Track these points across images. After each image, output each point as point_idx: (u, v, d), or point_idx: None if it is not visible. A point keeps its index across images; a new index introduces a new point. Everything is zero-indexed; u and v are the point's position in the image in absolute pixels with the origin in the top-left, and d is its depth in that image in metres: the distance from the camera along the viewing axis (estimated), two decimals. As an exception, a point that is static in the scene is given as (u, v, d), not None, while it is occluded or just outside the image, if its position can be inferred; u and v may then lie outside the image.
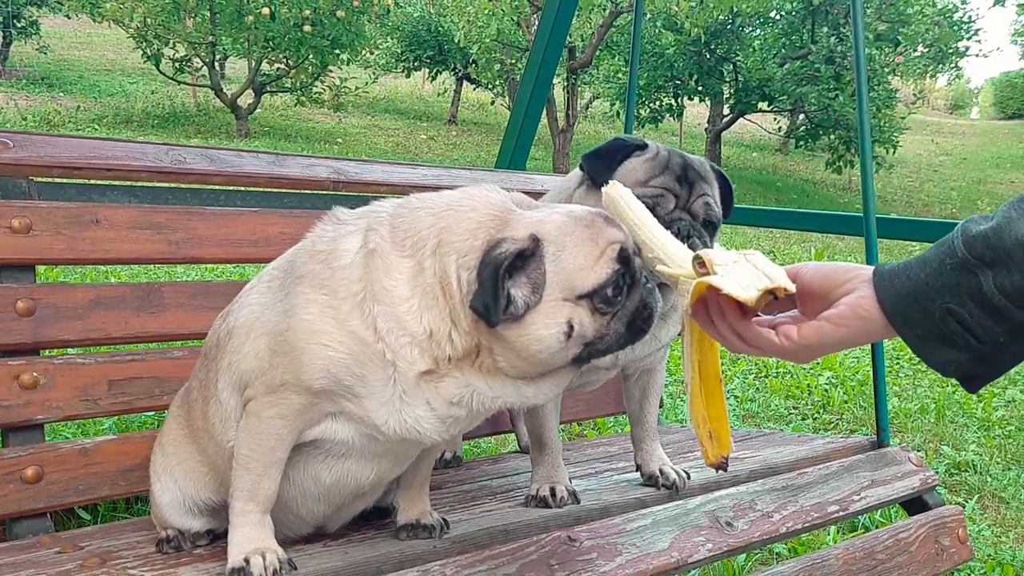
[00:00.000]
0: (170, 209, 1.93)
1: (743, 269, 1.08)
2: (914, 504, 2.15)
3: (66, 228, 1.78)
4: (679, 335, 1.32)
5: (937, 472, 3.93)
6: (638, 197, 1.61)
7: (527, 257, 1.21)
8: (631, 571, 1.50)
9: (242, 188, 2.13)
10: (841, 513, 1.92)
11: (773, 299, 1.07)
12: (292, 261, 1.37)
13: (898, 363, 5.78)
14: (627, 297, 1.26)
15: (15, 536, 1.62)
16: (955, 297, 0.96)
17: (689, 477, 1.87)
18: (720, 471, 1.36)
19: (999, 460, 4.20)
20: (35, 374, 1.68)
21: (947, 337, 0.97)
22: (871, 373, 2.40)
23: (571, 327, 1.22)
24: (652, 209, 1.58)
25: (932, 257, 0.99)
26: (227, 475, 1.40)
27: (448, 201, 1.30)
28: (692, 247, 1.60)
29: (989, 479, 3.92)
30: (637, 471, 1.92)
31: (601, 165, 1.73)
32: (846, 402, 4.75)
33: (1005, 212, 0.94)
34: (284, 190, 2.19)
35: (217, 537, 1.52)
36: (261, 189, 2.16)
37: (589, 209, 1.29)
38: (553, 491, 1.73)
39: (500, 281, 1.18)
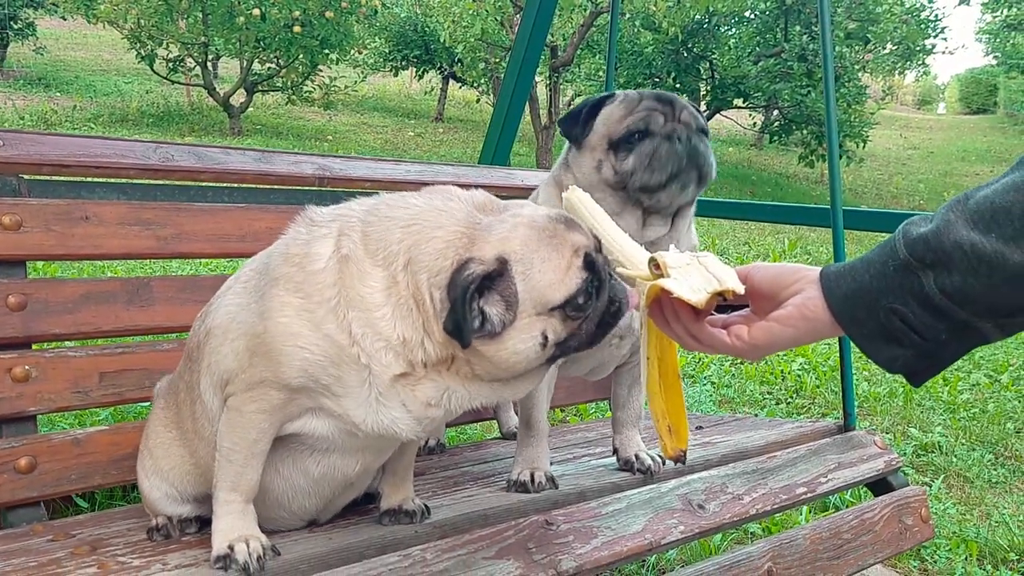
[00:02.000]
0: (159, 205, 1.91)
1: (695, 271, 1.09)
2: (879, 485, 2.17)
3: (56, 224, 1.76)
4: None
5: (905, 453, 3.97)
6: (626, 128, 1.67)
7: (495, 278, 1.20)
8: (606, 553, 1.50)
9: (230, 185, 2.11)
10: (809, 495, 1.93)
11: (723, 300, 1.08)
12: (267, 263, 1.35)
13: (867, 349, 5.83)
14: (596, 299, 1.25)
15: (9, 524, 1.60)
16: (898, 297, 0.96)
17: (664, 462, 1.86)
18: (678, 463, 1.39)
19: (964, 441, 4.25)
20: (27, 367, 1.66)
21: (892, 335, 0.98)
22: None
23: (546, 337, 1.23)
24: (646, 128, 1.67)
25: (875, 258, 0.99)
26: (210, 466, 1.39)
27: (415, 214, 1.27)
28: (696, 147, 1.65)
29: (954, 459, 3.96)
30: (614, 455, 1.92)
31: (575, 123, 1.74)
32: (818, 387, 4.78)
33: (944, 214, 0.95)
34: (271, 186, 2.17)
35: (205, 523, 1.51)
36: (248, 185, 2.13)
37: (550, 215, 1.27)
38: (532, 476, 1.72)
39: (468, 303, 1.18)
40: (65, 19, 16.45)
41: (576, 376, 2.53)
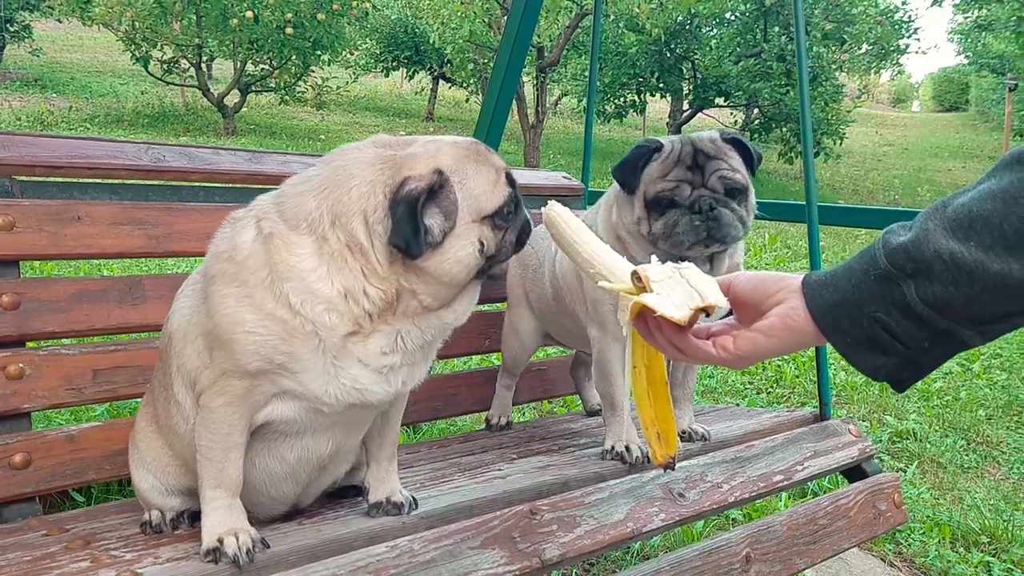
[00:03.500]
0: (150, 205, 1.89)
1: (677, 285, 1.07)
2: (853, 472, 2.17)
3: (49, 225, 1.74)
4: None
5: (881, 440, 3.99)
6: (657, 192, 1.78)
7: (436, 190, 1.24)
8: (589, 541, 1.50)
9: (220, 184, 2.09)
10: (785, 482, 1.94)
11: (706, 316, 1.06)
12: (206, 266, 1.37)
13: (844, 340, 5.86)
14: (515, 215, 1.34)
15: (5, 520, 1.59)
16: (880, 306, 0.94)
17: (706, 436, 2.04)
18: (668, 470, 1.46)
19: (937, 428, 4.28)
20: (20, 365, 1.65)
21: (875, 344, 0.96)
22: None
23: (482, 244, 1.29)
24: (672, 200, 1.78)
25: (857, 267, 0.97)
26: (195, 466, 1.39)
27: (322, 180, 1.29)
28: (717, 217, 1.74)
29: (928, 446, 3.99)
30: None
31: (628, 174, 1.86)
32: (797, 376, 4.80)
33: (923, 223, 0.92)
34: (261, 186, 2.15)
35: (196, 518, 1.50)
36: (239, 185, 2.12)
37: (466, 139, 1.35)
38: (628, 448, 1.85)
39: (419, 215, 1.21)
40: (61, 21, 16.27)
41: (562, 369, 2.57)
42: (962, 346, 0.94)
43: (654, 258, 1.14)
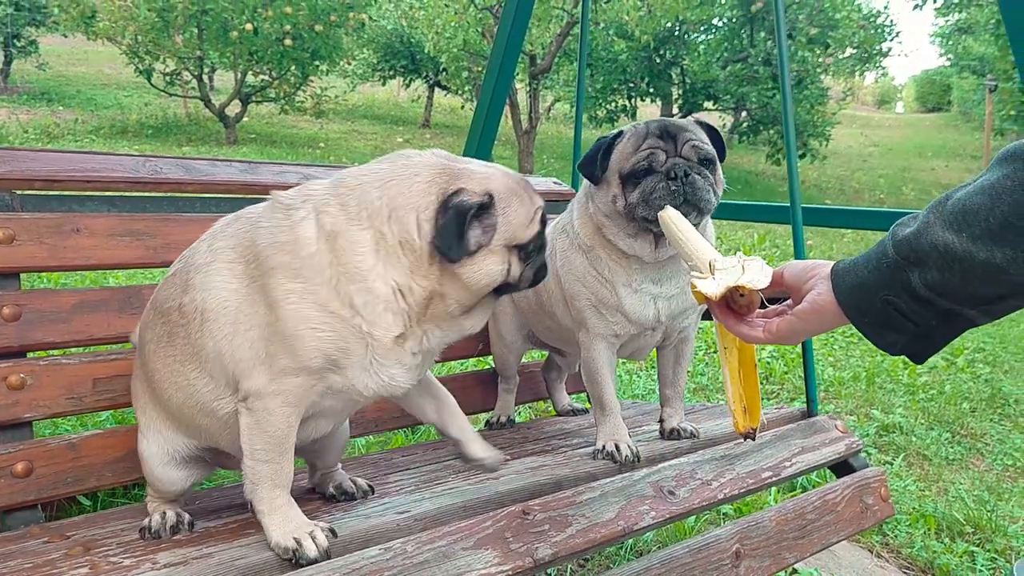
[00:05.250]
0: (148, 217, 1.88)
1: (733, 272, 1.23)
2: (841, 467, 2.17)
3: (48, 237, 1.73)
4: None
5: (867, 434, 3.98)
6: (632, 165, 1.77)
7: (482, 207, 1.33)
8: (580, 540, 1.49)
9: (217, 195, 2.08)
10: (774, 478, 1.93)
11: (740, 295, 1.21)
12: (252, 248, 1.35)
13: (833, 336, 5.85)
14: (538, 254, 1.44)
15: (7, 527, 1.57)
16: (892, 290, 1.03)
17: (695, 434, 2.05)
18: (748, 439, 1.58)
19: (923, 421, 4.27)
20: (22, 375, 1.63)
21: (889, 323, 1.05)
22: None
23: (508, 266, 1.37)
24: (649, 167, 1.76)
25: (873, 256, 1.07)
26: (194, 425, 1.45)
27: (388, 173, 1.36)
28: (692, 183, 1.74)
29: (914, 439, 3.98)
30: (660, 424, 2.07)
31: (592, 164, 1.85)
32: (786, 373, 4.79)
33: (925, 216, 1.01)
34: (257, 196, 2.13)
35: (196, 516, 1.50)
36: (235, 196, 2.10)
37: (517, 174, 1.45)
38: (618, 447, 1.85)
39: (467, 224, 1.30)
40: (66, 36, 16.23)
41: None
42: (968, 323, 1.03)
43: (739, 253, 1.27)
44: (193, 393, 1.41)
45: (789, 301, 1.23)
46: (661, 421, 2.07)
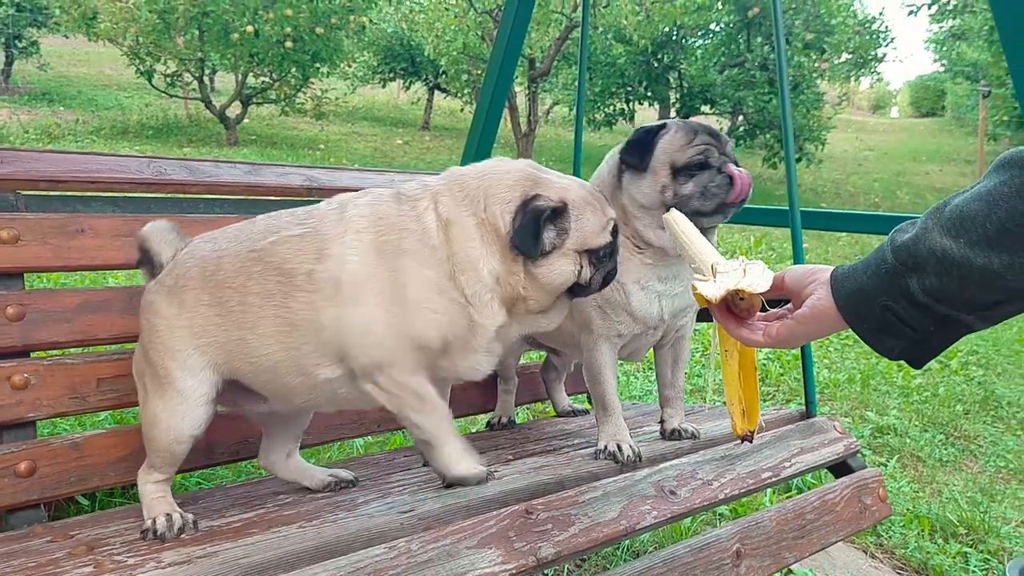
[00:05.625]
0: (152, 218, 1.86)
1: (734, 276, 1.23)
2: (839, 468, 2.16)
3: (52, 238, 1.72)
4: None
5: (862, 436, 3.99)
6: (688, 158, 1.81)
7: (558, 213, 1.46)
8: (583, 539, 1.49)
9: (221, 196, 2.07)
10: (773, 479, 1.93)
11: (740, 298, 1.21)
12: (381, 231, 1.46)
13: (828, 339, 5.86)
14: (609, 259, 1.54)
15: (11, 527, 1.56)
16: (891, 296, 1.02)
17: (695, 435, 2.05)
18: (745, 441, 1.59)
19: (917, 423, 4.28)
20: (26, 375, 1.62)
21: (888, 328, 1.05)
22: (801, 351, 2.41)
23: (579, 269, 1.49)
24: (705, 162, 1.81)
25: (872, 261, 1.06)
26: (276, 381, 1.52)
27: (484, 169, 1.53)
28: (739, 174, 1.80)
29: (908, 440, 3.99)
30: (660, 425, 2.08)
31: (638, 152, 1.85)
32: (782, 375, 4.80)
33: (923, 222, 1.00)
34: (260, 197, 2.13)
35: (199, 516, 1.50)
36: (239, 197, 2.10)
37: (592, 188, 1.58)
38: (620, 447, 1.86)
39: (541, 225, 1.44)
40: (67, 37, 16.22)
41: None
42: (966, 329, 1.02)
43: (741, 257, 1.27)
44: (298, 357, 1.48)
45: (789, 305, 1.22)
46: (662, 422, 2.07)
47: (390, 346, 1.43)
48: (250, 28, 12.93)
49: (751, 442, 1.76)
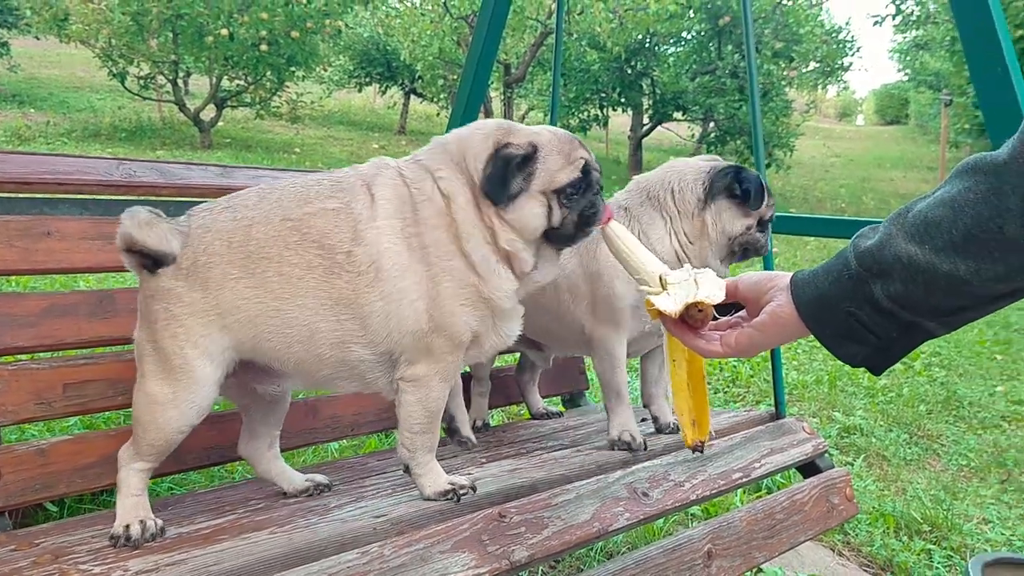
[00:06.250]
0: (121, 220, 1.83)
1: (687, 286, 1.20)
2: (808, 468, 2.18)
3: (19, 240, 1.68)
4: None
5: (830, 436, 4.03)
6: (772, 212, 2.01)
7: (528, 159, 1.48)
8: (556, 542, 1.48)
9: (192, 199, 2.03)
10: (744, 479, 1.93)
11: (698, 310, 1.17)
12: (408, 224, 1.47)
13: (797, 342, 5.92)
14: (582, 196, 1.52)
15: (-26, 535, 1.52)
16: (854, 302, 1.01)
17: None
18: (696, 452, 1.63)
19: (882, 423, 4.33)
20: (-10, 380, 1.58)
21: (851, 335, 1.03)
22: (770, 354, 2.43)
23: (549, 210, 1.49)
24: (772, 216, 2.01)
25: (833, 267, 1.04)
26: (309, 353, 1.49)
27: (462, 131, 1.56)
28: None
29: (874, 440, 4.04)
30: (653, 422, 2.14)
31: (763, 194, 2.02)
32: (752, 376, 4.83)
33: (886, 228, 0.99)
34: (233, 200, 2.09)
35: (167, 523, 1.46)
36: (211, 199, 2.06)
37: (566, 133, 1.58)
38: (633, 436, 1.95)
39: (510, 172, 1.46)
40: (38, 38, 15.91)
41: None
42: (927, 335, 1.01)
43: (687, 266, 1.26)
44: (342, 335, 1.48)
45: (743, 313, 1.19)
46: (655, 418, 2.14)
47: (430, 357, 1.49)
48: (224, 31, 12.78)
49: (702, 452, 1.83)
